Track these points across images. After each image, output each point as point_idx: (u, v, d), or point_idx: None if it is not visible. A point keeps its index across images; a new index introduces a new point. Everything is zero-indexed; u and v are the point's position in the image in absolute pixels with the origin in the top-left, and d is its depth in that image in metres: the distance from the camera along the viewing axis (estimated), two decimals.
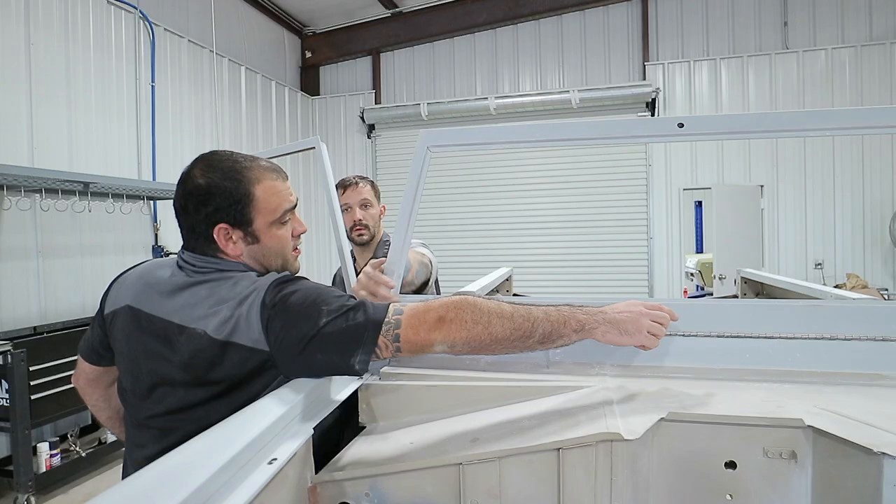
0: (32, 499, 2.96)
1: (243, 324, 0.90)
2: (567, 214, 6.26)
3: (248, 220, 0.98)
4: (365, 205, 1.99)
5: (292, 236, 1.06)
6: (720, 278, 5.43)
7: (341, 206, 1.98)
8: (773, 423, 0.82)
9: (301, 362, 0.89)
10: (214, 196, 0.96)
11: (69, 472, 3.25)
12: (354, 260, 2.05)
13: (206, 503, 0.60)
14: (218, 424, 0.75)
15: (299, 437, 0.81)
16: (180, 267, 1.01)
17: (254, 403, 0.83)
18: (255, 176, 0.99)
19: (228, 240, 0.98)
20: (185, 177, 0.99)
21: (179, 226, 1.02)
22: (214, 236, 0.97)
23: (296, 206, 1.06)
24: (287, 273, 1.02)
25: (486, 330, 0.87)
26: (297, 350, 0.88)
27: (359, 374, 0.89)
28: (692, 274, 8.06)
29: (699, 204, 10.87)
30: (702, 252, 10.61)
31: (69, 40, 3.77)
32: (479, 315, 0.88)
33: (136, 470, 0.62)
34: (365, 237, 1.99)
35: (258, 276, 0.98)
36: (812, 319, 1.09)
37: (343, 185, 2.00)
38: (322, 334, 0.87)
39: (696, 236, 11.23)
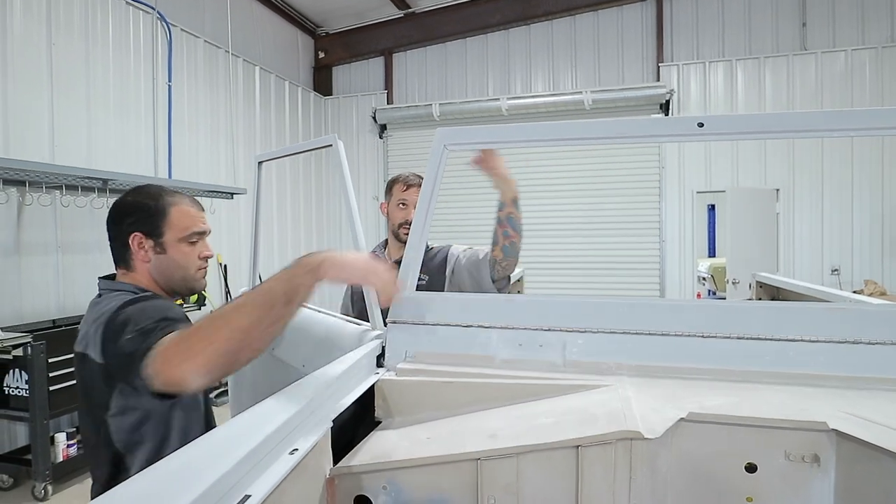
0: (49, 487, 3.02)
1: (93, 337, 1.03)
2: (579, 216, 6.22)
3: (159, 232, 1.14)
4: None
5: (199, 258, 1.20)
6: (733, 283, 5.36)
7: (398, 201, 1.96)
8: (796, 426, 0.81)
9: (123, 375, 0.97)
10: (136, 210, 1.15)
11: (85, 463, 3.30)
12: (383, 252, 2.08)
13: (231, 489, 0.61)
14: (241, 414, 0.76)
15: (319, 429, 0.82)
16: (98, 295, 1.16)
17: (275, 394, 0.84)
18: (172, 200, 1.18)
19: (140, 247, 1.14)
20: (118, 199, 1.19)
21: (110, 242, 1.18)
22: (129, 243, 1.14)
23: (206, 233, 1.22)
24: (149, 293, 1.12)
25: (228, 327, 0.82)
26: (116, 363, 0.97)
27: (158, 397, 0.90)
28: (704, 278, 7.97)
29: (712, 207, 10.76)
30: (714, 256, 10.50)
31: (89, 40, 3.84)
32: (213, 319, 0.85)
33: None
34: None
35: (132, 297, 1.08)
36: (834, 323, 1.07)
37: (407, 183, 1.94)
38: (120, 353, 0.95)
39: (709, 240, 11.12)
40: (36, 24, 3.48)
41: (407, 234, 1.91)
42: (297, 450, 0.75)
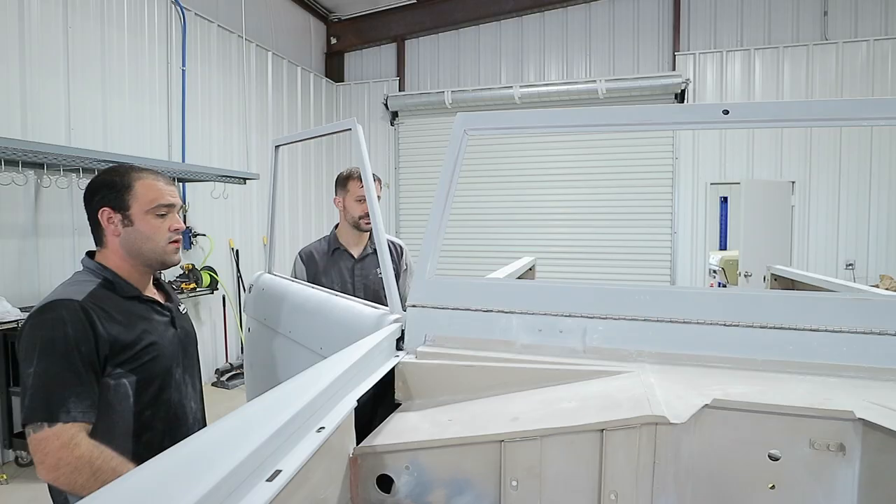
0: None
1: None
2: (591, 206, 6.18)
3: (126, 205, 1.18)
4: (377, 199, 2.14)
5: (169, 230, 1.22)
6: (745, 276, 5.32)
7: (357, 197, 2.14)
8: (822, 415, 0.81)
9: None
10: (103, 187, 1.19)
11: None
12: (343, 247, 2.19)
13: (264, 463, 0.62)
14: (270, 391, 0.77)
15: (344, 409, 0.83)
16: None
17: (301, 374, 0.86)
18: (138, 175, 1.21)
19: (110, 222, 1.18)
20: (90, 180, 1.24)
21: None
22: (99, 218, 1.18)
23: (175, 207, 1.24)
24: (65, 299, 1.10)
25: (68, 480, 0.99)
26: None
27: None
28: (715, 271, 7.90)
29: (724, 199, 10.62)
30: (725, 249, 10.39)
31: (105, 24, 3.84)
32: (91, 471, 0.99)
33: None
34: (367, 229, 2.17)
35: (88, 279, 1.16)
36: (858, 313, 1.06)
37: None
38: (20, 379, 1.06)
39: (721, 233, 11.00)
40: (53, 7, 3.49)
41: (368, 225, 2.12)
42: (323, 428, 0.76)
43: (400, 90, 6.83)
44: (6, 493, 2.91)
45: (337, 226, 2.24)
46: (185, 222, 4.48)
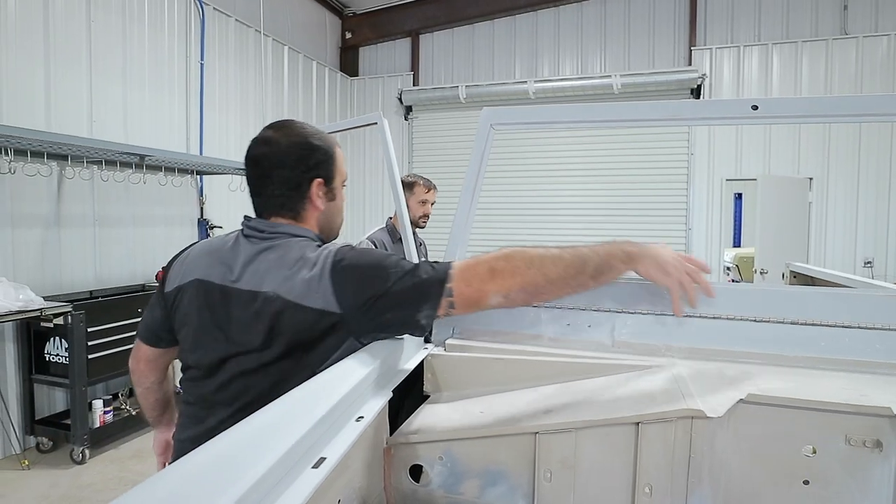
0: (87, 451, 3.15)
1: (315, 287, 0.91)
2: (605, 201, 6.14)
3: (332, 176, 1.05)
4: (433, 203, 2.74)
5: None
6: (762, 273, 5.26)
7: (421, 199, 2.66)
8: (858, 411, 0.81)
9: (371, 321, 0.91)
10: (313, 152, 1.01)
11: (119, 429, 3.44)
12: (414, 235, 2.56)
13: (310, 450, 0.64)
14: (309, 381, 0.78)
15: (380, 399, 0.84)
16: (247, 237, 1.02)
17: (337, 364, 0.87)
18: (332, 140, 1.07)
19: (318, 196, 1.02)
20: (271, 138, 1.01)
21: (258, 187, 1.02)
22: (311, 190, 1.01)
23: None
24: (349, 245, 1.04)
25: (539, 272, 0.86)
26: (366, 310, 0.90)
27: (424, 329, 0.92)
28: (729, 268, 7.83)
29: (739, 196, 10.49)
30: (739, 246, 10.28)
31: (126, 18, 3.88)
32: (530, 259, 0.87)
33: (193, 447, 0.58)
34: (424, 227, 2.75)
35: (318, 245, 0.99)
36: (891, 310, 1.05)
37: (428, 187, 2.70)
38: (391, 293, 0.89)
39: (735, 230, 10.87)
40: (76, 1, 3.53)
41: (424, 224, 2.72)
42: (362, 417, 0.78)
43: (414, 85, 6.82)
44: (28, 479, 2.98)
45: (391, 218, 2.69)
46: (202, 214, 4.53)
